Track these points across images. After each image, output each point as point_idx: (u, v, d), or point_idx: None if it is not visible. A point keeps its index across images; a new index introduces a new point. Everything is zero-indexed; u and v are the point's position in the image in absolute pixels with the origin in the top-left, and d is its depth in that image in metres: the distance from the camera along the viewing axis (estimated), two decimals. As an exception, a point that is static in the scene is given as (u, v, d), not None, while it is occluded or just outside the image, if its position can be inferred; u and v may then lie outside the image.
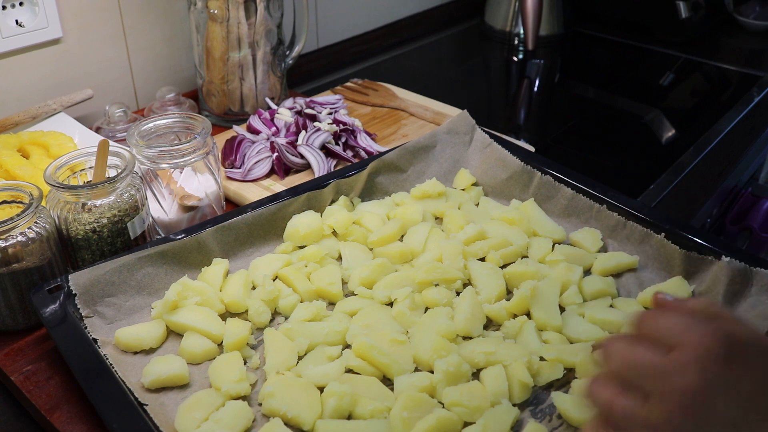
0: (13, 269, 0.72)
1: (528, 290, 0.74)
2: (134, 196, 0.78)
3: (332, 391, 0.62)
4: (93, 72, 1.14)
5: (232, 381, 0.64)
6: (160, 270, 0.76)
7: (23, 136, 0.98)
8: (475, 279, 0.78)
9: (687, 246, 0.77)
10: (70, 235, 0.76)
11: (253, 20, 1.08)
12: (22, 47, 1.04)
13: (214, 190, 0.88)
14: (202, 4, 1.07)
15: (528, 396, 0.65)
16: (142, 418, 0.60)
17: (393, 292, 0.75)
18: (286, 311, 0.75)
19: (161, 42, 1.21)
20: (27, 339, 0.74)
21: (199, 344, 0.69)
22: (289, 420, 0.62)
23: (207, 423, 0.61)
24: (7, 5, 1.01)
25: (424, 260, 0.80)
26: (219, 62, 1.10)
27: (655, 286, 0.76)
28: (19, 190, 0.75)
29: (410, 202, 0.89)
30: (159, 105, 1.12)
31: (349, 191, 0.90)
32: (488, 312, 0.73)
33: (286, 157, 0.99)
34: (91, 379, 0.62)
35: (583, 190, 0.86)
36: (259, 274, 0.78)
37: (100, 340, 0.69)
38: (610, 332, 0.71)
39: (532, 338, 0.70)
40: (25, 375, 0.69)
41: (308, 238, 0.82)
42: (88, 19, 1.11)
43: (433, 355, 0.67)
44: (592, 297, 0.76)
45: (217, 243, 0.80)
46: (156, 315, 0.72)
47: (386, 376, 0.67)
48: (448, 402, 0.63)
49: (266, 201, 0.84)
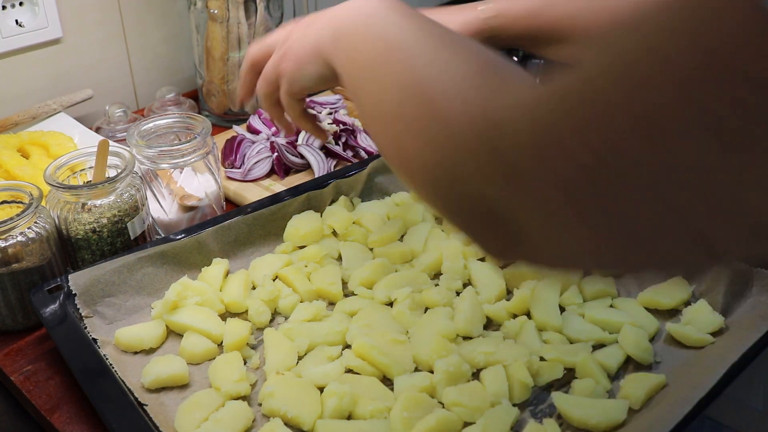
0: (13, 269, 0.72)
1: (528, 290, 0.74)
2: (134, 196, 0.78)
3: (332, 391, 0.62)
4: (93, 72, 1.14)
5: (232, 381, 0.64)
6: (160, 270, 0.76)
7: (23, 136, 0.98)
8: (475, 279, 0.78)
9: (687, 246, 0.76)
10: (70, 235, 0.76)
11: (253, 20, 1.08)
12: (22, 47, 1.04)
13: (214, 190, 0.88)
14: (202, 4, 1.07)
15: (528, 396, 0.65)
16: (142, 418, 0.60)
17: (393, 292, 0.75)
18: (286, 311, 0.75)
19: (161, 42, 1.21)
20: (27, 339, 0.74)
21: (199, 344, 0.69)
22: (289, 420, 0.62)
23: (207, 423, 0.61)
24: (7, 5, 1.01)
25: (424, 260, 0.80)
26: (219, 62, 1.10)
27: (655, 286, 0.76)
28: (19, 190, 0.75)
29: (410, 202, 0.89)
30: (159, 105, 1.12)
31: (349, 191, 0.90)
32: (488, 312, 0.73)
33: (286, 157, 0.99)
34: (91, 379, 0.62)
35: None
36: (259, 274, 0.78)
37: (100, 340, 0.69)
38: (610, 332, 0.71)
39: (532, 338, 0.70)
40: (25, 375, 0.69)
41: (308, 238, 0.82)
42: (88, 19, 1.11)
43: (433, 355, 0.67)
44: (592, 297, 0.76)
45: (217, 243, 0.80)
46: (156, 315, 0.72)
47: (386, 376, 0.67)
48: (448, 402, 0.63)
49: (266, 201, 0.84)
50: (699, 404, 0.59)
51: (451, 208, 0.41)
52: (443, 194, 0.40)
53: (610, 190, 0.31)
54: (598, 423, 0.61)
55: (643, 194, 0.30)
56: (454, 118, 0.38)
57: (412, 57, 0.45)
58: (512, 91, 0.36)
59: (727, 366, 0.62)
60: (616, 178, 0.30)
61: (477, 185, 0.37)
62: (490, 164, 0.35)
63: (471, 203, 0.38)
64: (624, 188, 0.31)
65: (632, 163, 0.29)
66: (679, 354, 0.69)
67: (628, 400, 0.63)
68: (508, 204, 0.36)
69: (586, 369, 0.66)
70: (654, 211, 0.31)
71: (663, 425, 0.57)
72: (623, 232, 0.32)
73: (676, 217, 0.30)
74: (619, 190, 0.31)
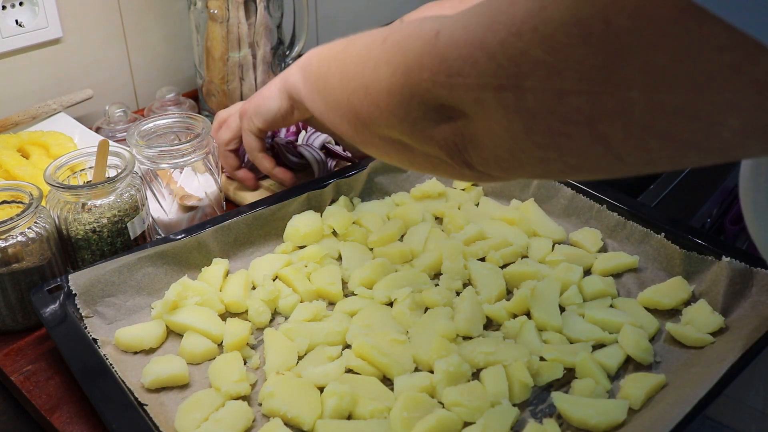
0: (13, 269, 0.72)
1: (528, 290, 0.74)
2: (134, 196, 0.78)
3: (332, 391, 0.62)
4: (93, 72, 1.14)
5: (232, 381, 0.64)
6: (160, 270, 0.76)
7: (23, 136, 0.98)
8: (475, 279, 0.78)
9: (687, 246, 0.77)
10: (70, 235, 0.76)
11: (253, 20, 1.08)
12: (22, 47, 1.04)
13: (214, 190, 0.88)
14: (202, 4, 1.07)
15: (528, 396, 0.65)
16: (142, 418, 0.60)
17: (393, 292, 0.75)
18: (286, 311, 0.75)
19: (161, 42, 1.21)
20: (27, 339, 0.74)
21: (199, 344, 0.69)
22: (289, 420, 0.62)
23: (207, 423, 0.61)
24: (7, 5, 1.01)
25: (424, 260, 0.80)
26: (219, 62, 1.10)
27: (655, 286, 0.76)
28: (19, 190, 0.75)
29: (410, 202, 0.89)
30: (159, 105, 1.12)
31: (349, 191, 0.90)
32: (488, 312, 0.73)
33: (286, 157, 0.99)
34: (91, 379, 0.62)
35: (583, 190, 0.86)
36: (259, 274, 0.78)
37: (100, 340, 0.69)
38: (610, 332, 0.71)
39: (532, 338, 0.70)
40: (25, 375, 0.69)
41: (308, 238, 0.82)
42: (88, 19, 1.11)
43: (433, 355, 0.67)
44: (592, 297, 0.76)
45: (217, 243, 0.80)
46: (156, 315, 0.72)
47: (386, 376, 0.67)
48: (448, 402, 0.63)
49: (266, 201, 0.84)
50: (699, 404, 0.59)
51: (412, 123, 0.47)
52: (405, 113, 0.47)
53: (519, 87, 0.36)
54: (598, 423, 0.61)
55: (545, 92, 0.35)
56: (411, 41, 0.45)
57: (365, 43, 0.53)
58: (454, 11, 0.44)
59: (727, 366, 0.62)
60: (523, 77, 0.36)
61: (431, 92, 0.43)
62: (440, 69, 0.41)
63: (428, 112, 0.45)
64: (530, 86, 0.36)
65: (533, 65, 0.35)
66: (679, 354, 0.69)
67: (628, 400, 0.63)
68: (455, 102, 0.42)
69: (586, 369, 0.66)
70: (557, 109, 0.35)
71: (663, 425, 0.57)
72: (537, 127, 0.37)
73: (576, 115, 0.35)
74: (526, 87, 0.36)
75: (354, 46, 0.54)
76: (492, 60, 0.37)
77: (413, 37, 0.45)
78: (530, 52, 0.35)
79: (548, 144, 0.38)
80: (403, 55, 0.46)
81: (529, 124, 0.38)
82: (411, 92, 0.45)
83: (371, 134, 0.53)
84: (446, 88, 0.42)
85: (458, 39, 0.40)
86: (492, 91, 0.38)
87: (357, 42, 0.54)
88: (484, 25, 0.38)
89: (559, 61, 0.34)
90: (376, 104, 0.49)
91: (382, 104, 0.49)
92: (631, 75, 0.32)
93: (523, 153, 0.40)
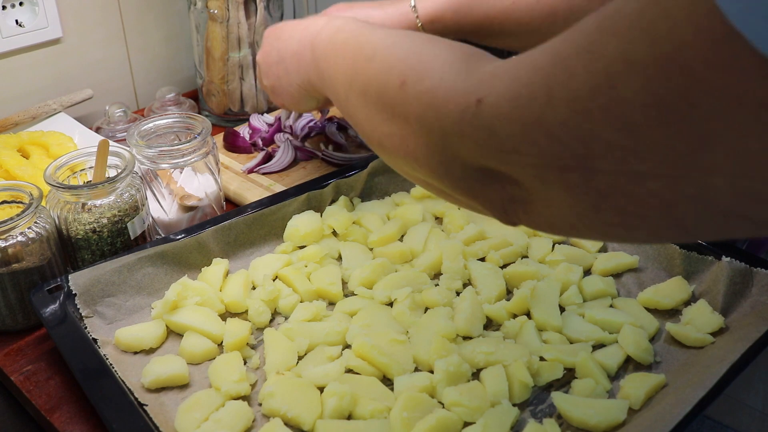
0: (13, 269, 0.72)
1: (528, 290, 0.74)
2: (134, 196, 0.78)
3: (332, 391, 0.62)
4: (93, 72, 1.14)
5: (232, 381, 0.64)
6: (160, 270, 0.76)
7: (23, 136, 0.98)
8: (475, 279, 0.78)
9: (687, 246, 0.77)
10: (70, 235, 0.76)
11: (253, 20, 1.08)
12: (22, 47, 1.04)
13: (214, 190, 0.88)
14: (202, 4, 1.07)
15: (528, 396, 0.65)
16: (142, 418, 0.60)
17: (393, 292, 0.75)
18: (286, 311, 0.75)
19: (161, 42, 1.21)
20: (27, 339, 0.74)
21: (199, 344, 0.69)
22: (289, 420, 0.62)
23: (207, 423, 0.61)
24: (7, 5, 1.01)
25: (424, 260, 0.80)
26: (219, 62, 1.10)
27: (655, 286, 0.76)
28: (19, 190, 0.75)
29: (410, 202, 0.89)
30: (159, 105, 1.12)
31: (349, 191, 0.90)
32: (488, 312, 0.73)
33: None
34: (91, 379, 0.62)
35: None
36: (259, 274, 0.78)
37: (100, 340, 0.69)
38: (610, 332, 0.71)
39: (532, 338, 0.70)
40: (25, 375, 0.69)
41: (308, 238, 0.82)
42: (88, 19, 1.11)
43: (433, 355, 0.67)
44: (592, 297, 0.76)
45: (217, 243, 0.80)
46: (156, 315, 0.72)
47: (386, 376, 0.67)
48: (448, 402, 0.63)
49: (266, 201, 0.84)
50: (699, 404, 0.59)
51: (455, 181, 0.44)
52: (445, 171, 0.44)
53: (588, 168, 0.34)
54: (598, 423, 0.61)
55: (619, 175, 0.33)
56: (445, 104, 0.42)
57: (392, 56, 0.49)
58: (493, 74, 0.40)
59: (727, 366, 0.62)
60: (593, 158, 0.34)
61: (476, 160, 0.41)
62: (487, 143, 0.39)
63: (473, 173, 0.42)
64: (601, 167, 0.34)
65: (606, 146, 0.33)
66: (679, 354, 0.69)
67: (628, 400, 0.63)
68: (509, 173, 0.39)
69: (586, 369, 0.66)
70: (631, 192, 0.33)
71: (663, 425, 0.57)
72: (607, 206, 0.35)
73: (652, 199, 0.33)
74: (597, 168, 0.34)
75: (365, 73, 0.52)
76: (554, 140, 0.35)
77: (439, 100, 0.42)
78: (601, 134, 0.32)
79: (618, 223, 0.36)
80: (436, 118, 0.42)
81: (597, 204, 0.35)
82: (453, 155, 0.42)
83: (405, 174, 0.51)
84: (497, 161, 0.39)
85: (508, 114, 0.37)
86: (555, 171, 0.36)
87: (368, 69, 0.51)
88: (539, 100, 0.35)
89: (636, 144, 0.31)
90: (414, 157, 0.46)
91: (421, 159, 0.46)
92: (717, 160, 0.30)
93: (585, 227, 0.38)
